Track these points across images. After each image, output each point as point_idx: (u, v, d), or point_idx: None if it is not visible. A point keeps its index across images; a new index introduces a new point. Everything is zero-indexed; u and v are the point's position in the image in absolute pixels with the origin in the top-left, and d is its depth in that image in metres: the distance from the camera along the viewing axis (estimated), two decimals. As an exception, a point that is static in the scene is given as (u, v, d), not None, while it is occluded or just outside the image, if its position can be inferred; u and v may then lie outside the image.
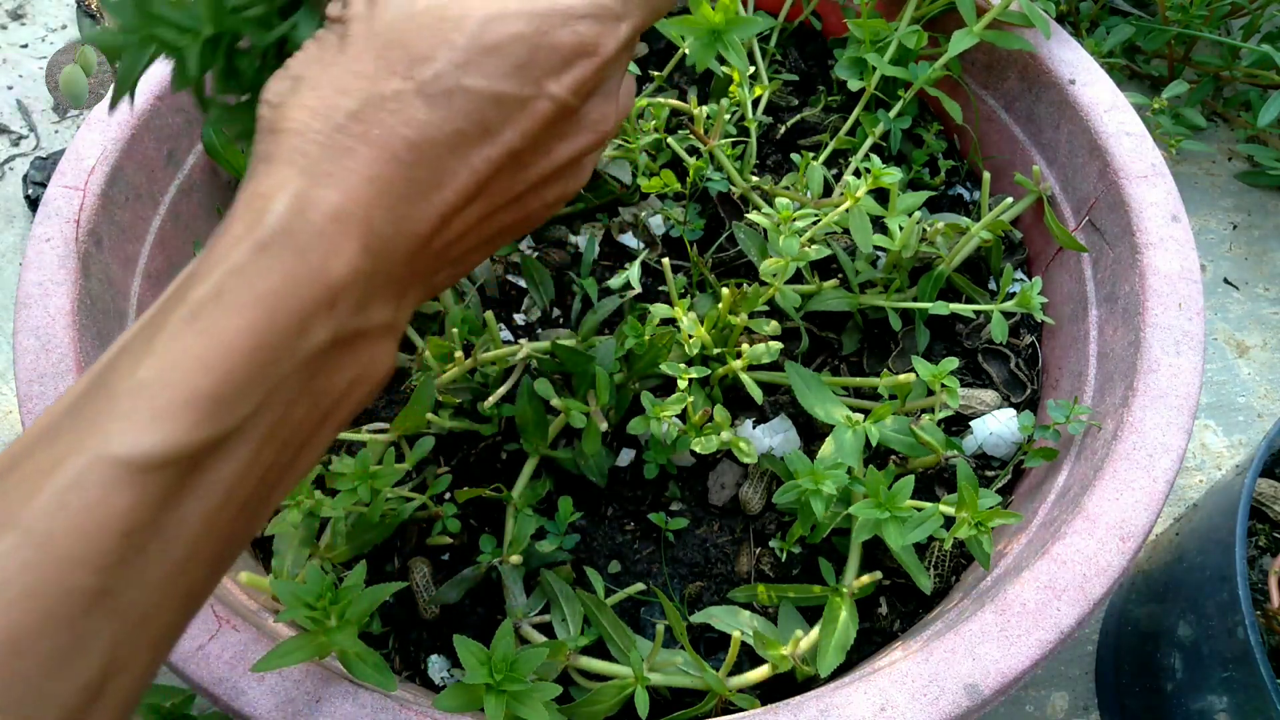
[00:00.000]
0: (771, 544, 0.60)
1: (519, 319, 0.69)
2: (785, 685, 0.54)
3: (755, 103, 0.74)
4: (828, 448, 0.56)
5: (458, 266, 0.33)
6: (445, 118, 0.29)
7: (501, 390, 0.61)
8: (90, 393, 0.27)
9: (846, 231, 0.68)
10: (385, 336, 0.31)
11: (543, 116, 0.31)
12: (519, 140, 0.31)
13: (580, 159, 0.34)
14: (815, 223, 0.63)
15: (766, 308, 0.62)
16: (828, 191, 0.72)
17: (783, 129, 0.78)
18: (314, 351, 0.28)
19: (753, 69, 0.75)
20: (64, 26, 1.10)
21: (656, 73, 0.77)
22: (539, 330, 0.69)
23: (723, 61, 0.75)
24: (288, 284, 0.27)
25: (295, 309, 0.28)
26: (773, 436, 0.63)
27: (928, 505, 0.52)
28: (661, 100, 0.71)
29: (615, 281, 0.67)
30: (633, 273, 0.67)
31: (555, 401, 0.57)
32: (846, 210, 0.62)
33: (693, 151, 0.74)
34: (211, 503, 0.27)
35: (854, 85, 0.74)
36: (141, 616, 0.26)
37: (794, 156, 0.70)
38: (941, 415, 0.57)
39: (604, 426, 0.57)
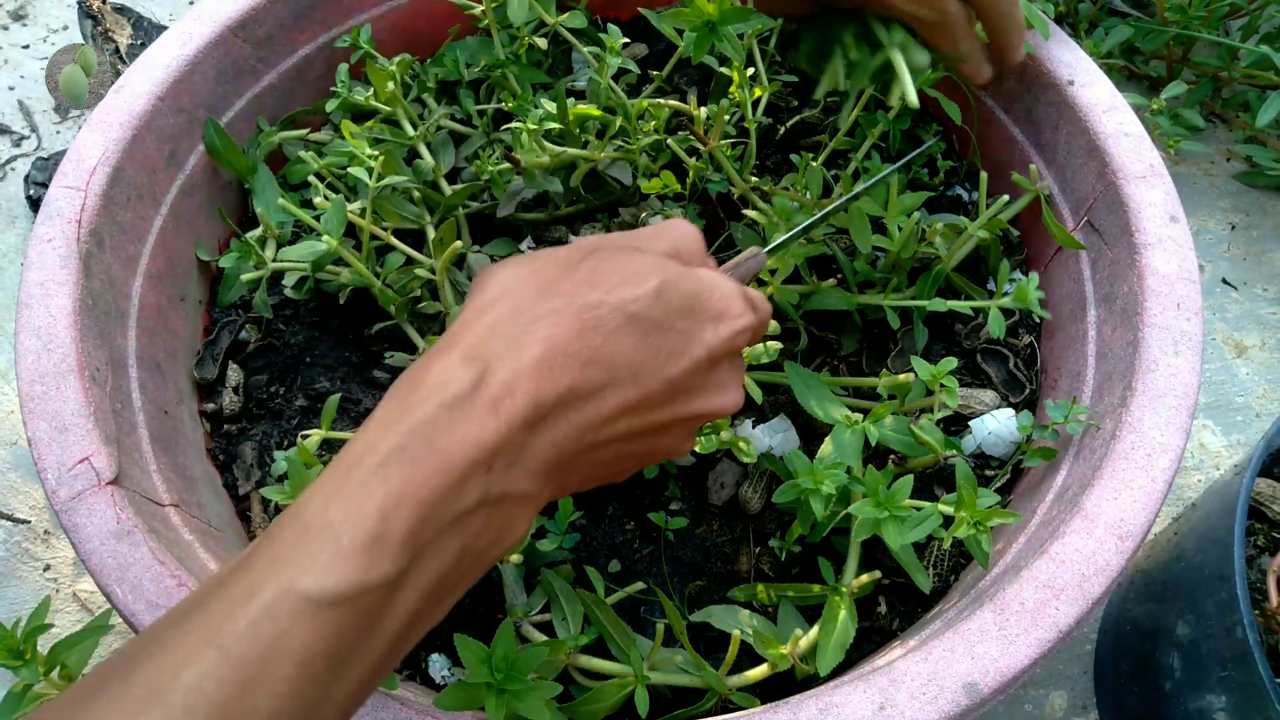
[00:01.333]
0: (771, 543, 0.60)
1: (519, 319, 0.69)
2: (785, 684, 0.54)
3: (755, 104, 0.75)
4: (827, 447, 0.56)
5: (587, 476, 0.39)
6: (626, 336, 0.36)
7: (502, 390, 0.61)
8: (289, 522, 0.31)
9: (846, 231, 0.68)
10: (524, 505, 0.35)
11: (692, 360, 0.38)
12: (660, 384, 0.37)
13: (697, 423, 0.40)
14: (814, 223, 0.63)
15: (766, 308, 0.62)
16: (827, 192, 0.72)
17: (782, 130, 0.78)
18: (466, 508, 0.32)
19: (752, 70, 0.75)
20: (65, 27, 1.11)
21: (656, 73, 0.77)
22: (539, 330, 0.69)
23: (722, 62, 0.76)
24: (460, 443, 0.32)
25: (459, 468, 0.32)
26: (772, 436, 0.63)
27: (927, 505, 0.52)
28: (662, 101, 0.71)
29: (615, 282, 0.67)
30: (633, 273, 0.67)
31: (555, 401, 0.57)
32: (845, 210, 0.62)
33: (693, 152, 0.74)
34: (372, 641, 0.31)
35: (853, 86, 0.74)
36: None
37: (794, 157, 0.71)
38: (940, 415, 0.57)
39: (604, 426, 0.57)
